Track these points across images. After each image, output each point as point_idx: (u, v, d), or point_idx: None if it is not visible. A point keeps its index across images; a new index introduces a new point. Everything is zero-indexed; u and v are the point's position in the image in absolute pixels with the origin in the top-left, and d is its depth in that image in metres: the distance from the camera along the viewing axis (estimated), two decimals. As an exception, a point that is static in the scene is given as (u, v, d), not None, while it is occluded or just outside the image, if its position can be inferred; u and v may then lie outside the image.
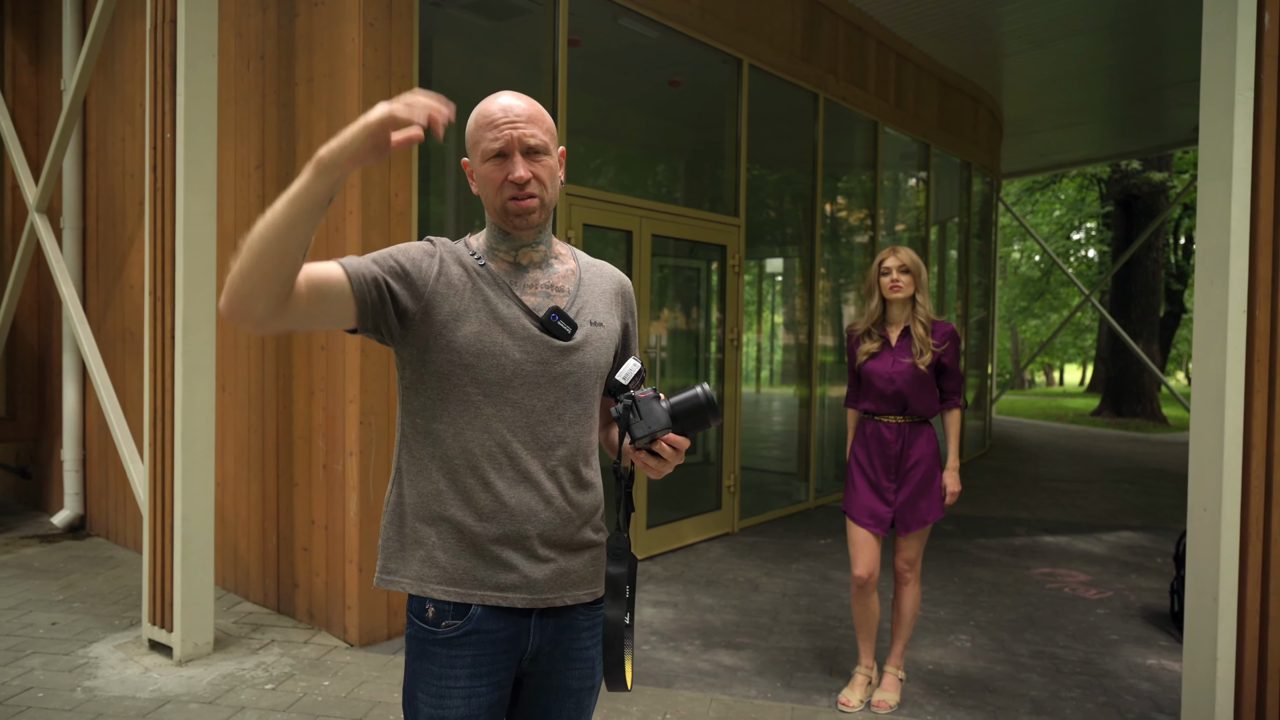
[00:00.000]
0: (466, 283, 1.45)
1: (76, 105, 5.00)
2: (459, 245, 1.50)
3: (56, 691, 3.34)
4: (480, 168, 1.46)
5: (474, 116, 1.47)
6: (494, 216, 1.49)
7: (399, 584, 1.44)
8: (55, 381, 6.25)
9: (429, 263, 1.43)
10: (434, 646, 1.41)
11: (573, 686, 1.53)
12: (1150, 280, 16.26)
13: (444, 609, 1.41)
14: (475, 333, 1.41)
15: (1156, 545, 6.12)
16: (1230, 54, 2.72)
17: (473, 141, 1.47)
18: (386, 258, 1.41)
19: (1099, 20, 7.62)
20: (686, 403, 1.39)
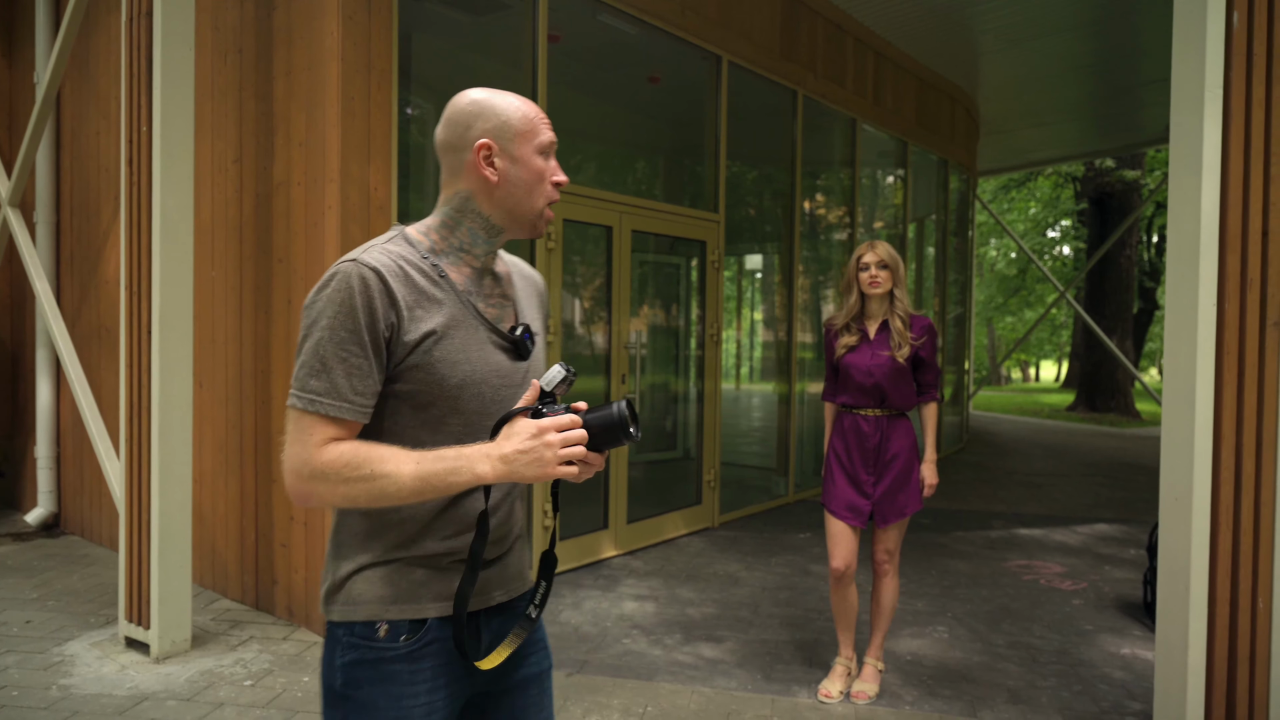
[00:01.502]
0: (430, 299, 1.32)
1: (50, 98, 4.93)
2: (402, 248, 1.34)
3: (31, 690, 3.30)
4: (535, 160, 1.37)
5: (515, 104, 1.38)
6: (515, 213, 1.39)
7: (347, 612, 1.33)
8: (28, 378, 6.16)
9: (385, 308, 1.27)
10: (394, 665, 1.33)
11: (533, 673, 1.51)
12: (1124, 277, 16.50)
13: (399, 625, 1.33)
14: (447, 359, 1.31)
15: (1130, 537, 6.22)
16: (1200, 53, 2.77)
17: (525, 129, 1.37)
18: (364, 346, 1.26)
19: (1073, 20, 7.73)
20: (601, 420, 1.31)
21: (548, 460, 1.22)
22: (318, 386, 1.24)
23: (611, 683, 3.47)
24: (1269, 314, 2.73)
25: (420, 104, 4.61)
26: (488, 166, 1.36)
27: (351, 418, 1.26)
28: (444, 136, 1.40)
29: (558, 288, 4.97)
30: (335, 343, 1.24)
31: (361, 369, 1.26)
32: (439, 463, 1.23)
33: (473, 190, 1.38)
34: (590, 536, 5.28)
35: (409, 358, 1.29)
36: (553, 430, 1.23)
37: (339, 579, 1.35)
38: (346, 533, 1.36)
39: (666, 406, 6.39)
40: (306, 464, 1.23)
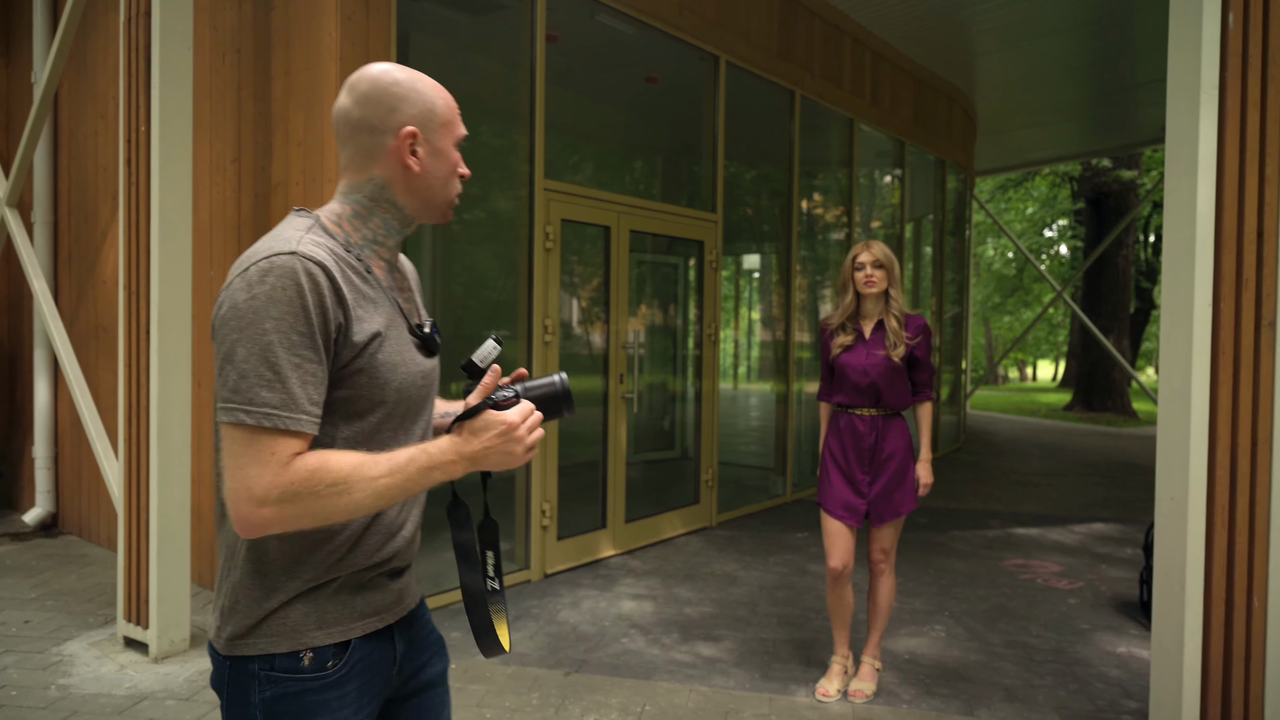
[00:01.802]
0: (366, 297, 1.25)
1: (48, 98, 4.93)
2: (328, 240, 1.24)
3: (30, 690, 3.31)
4: (449, 149, 1.34)
5: (439, 94, 1.33)
6: (430, 203, 1.34)
7: (270, 645, 1.22)
8: (26, 378, 6.16)
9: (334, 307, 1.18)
10: (323, 694, 1.24)
11: (437, 671, 1.48)
12: (1121, 277, 16.52)
13: (324, 652, 1.24)
14: (388, 362, 1.25)
15: (1126, 536, 6.24)
16: (1195, 53, 2.78)
17: (445, 119, 1.33)
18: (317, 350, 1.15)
19: (1070, 21, 7.74)
20: (545, 394, 1.30)
21: (517, 454, 1.23)
22: (272, 399, 1.10)
23: (610, 682, 3.48)
24: (1264, 314, 2.74)
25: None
26: (411, 155, 1.29)
27: (311, 431, 1.14)
28: (360, 115, 1.28)
29: (556, 288, 4.98)
30: (287, 346, 1.12)
31: (316, 375, 1.15)
32: (410, 464, 1.17)
33: (389, 178, 1.30)
34: (588, 536, 5.29)
35: (354, 361, 1.20)
36: (520, 425, 1.22)
37: (265, 611, 1.22)
38: (267, 561, 1.22)
39: (664, 406, 6.40)
40: (274, 487, 1.10)
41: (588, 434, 5.42)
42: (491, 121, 5.12)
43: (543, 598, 4.55)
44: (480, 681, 3.45)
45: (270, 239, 1.19)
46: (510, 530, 4.97)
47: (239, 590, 1.22)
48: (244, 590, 1.22)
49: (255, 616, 1.22)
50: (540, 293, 4.85)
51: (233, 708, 1.23)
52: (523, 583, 4.83)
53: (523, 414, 1.23)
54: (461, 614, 4.25)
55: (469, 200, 5.19)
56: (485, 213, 5.23)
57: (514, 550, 4.95)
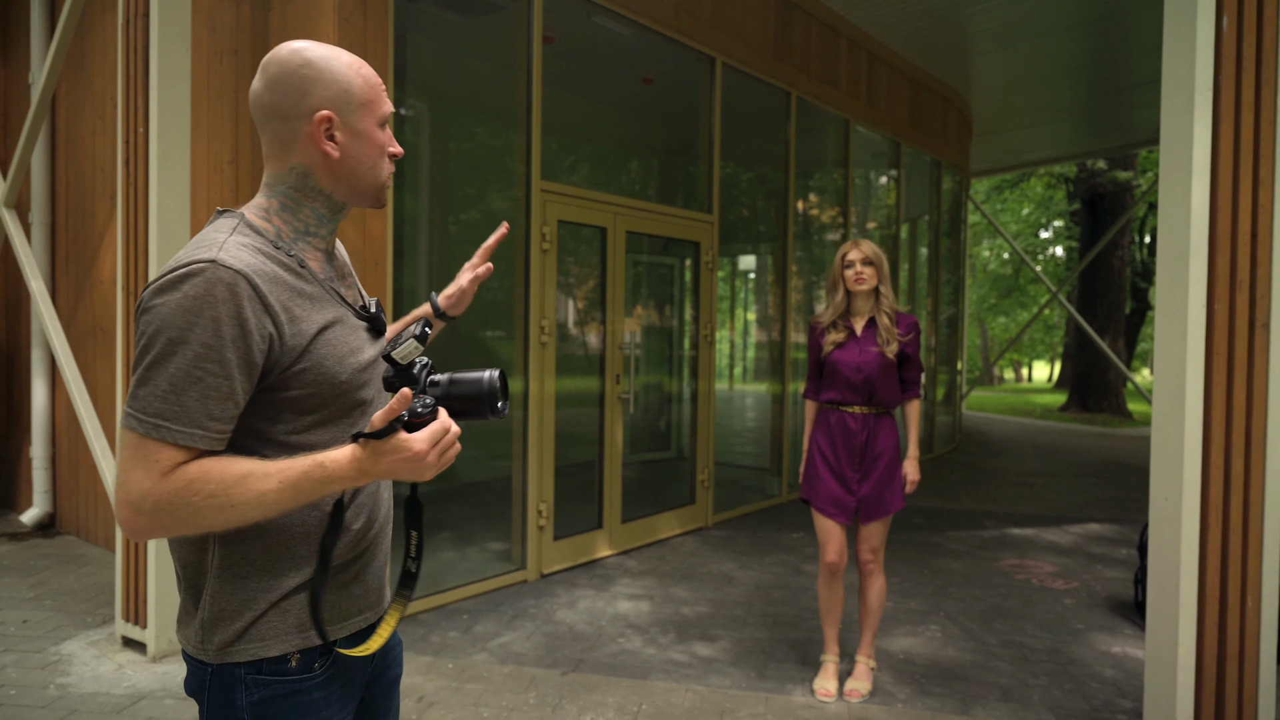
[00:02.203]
0: (302, 295, 1.20)
1: (45, 100, 4.93)
2: (255, 240, 1.19)
3: (29, 689, 3.31)
4: (372, 130, 1.26)
5: (357, 72, 1.25)
6: (358, 189, 1.28)
7: (257, 650, 1.20)
8: (23, 378, 6.15)
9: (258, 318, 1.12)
10: (311, 694, 1.24)
11: (395, 676, 1.48)
12: (1116, 278, 16.58)
13: (311, 653, 1.24)
14: (333, 355, 1.22)
15: (1122, 536, 6.26)
16: (1190, 56, 2.80)
17: (365, 99, 1.25)
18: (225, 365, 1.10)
19: (1065, 22, 7.77)
20: (468, 388, 1.20)
21: (424, 474, 1.14)
22: (164, 410, 1.06)
23: (607, 681, 3.49)
24: (1258, 315, 2.76)
25: (415, 105, 4.62)
26: (328, 141, 1.23)
27: (203, 446, 1.09)
28: (271, 100, 1.22)
29: (553, 289, 4.98)
30: (189, 359, 1.07)
31: (221, 390, 1.09)
32: (304, 478, 1.10)
33: (310, 165, 1.24)
34: (585, 536, 5.30)
35: (299, 362, 1.17)
36: (429, 453, 1.11)
37: (253, 617, 1.20)
38: (248, 565, 1.20)
39: (661, 407, 6.41)
40: (148, 496, 1.06)
41: (584, 434, 5.43)
42: (488, 122, 5.13)
43: (539, 598, 4.56)
44: (477, 681, 3.46)
45: (193, 245, 1.15)
46: (507, 530, 4.98)
47: (220, 599, 1.20)
48: (226, 598, 1.20)
49: (244, 623, 1.20)
50: (537, 294, 4.86)
51: (217, 712, 1.21)
52: (519, 583, 4.84)
53: (433, 438, 1.12)
54: (458, 615, 4.26)
55: (466, 201, 5.20)
56: (481, 213, 5.24)
57: (511, 550, 4.96)
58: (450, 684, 3.43)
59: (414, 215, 4.58)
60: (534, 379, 4.88)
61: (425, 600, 4.33)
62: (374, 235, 3.99)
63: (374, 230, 3.98)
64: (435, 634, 3.99)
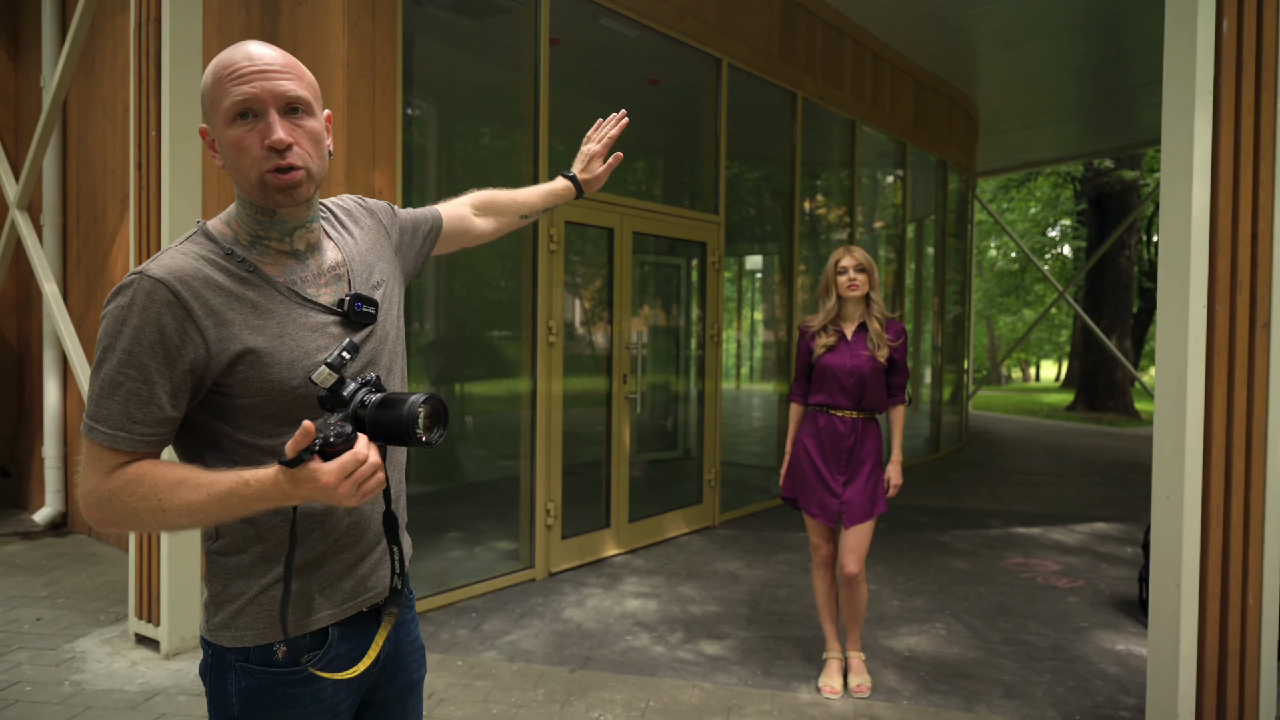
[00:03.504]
0: (241, 300, 1.19)
1: (57, 104, 4.99)
2: (201, 247, 1.20)
3: (44, 685, 3.36)
4: (226, 132, 1.18)
5: (212, 68, 1.19)
6: (250, 194, 1.22)
7: (241, 638, 1.23)
8: (35, 378, 6.22)
9: (177, 324, 1.13)
10: (294, 688, 1.25)
11: (416, 679, 1.47)
12: (1123, 277, 16.54)
13: (299, 644, 1.26)
14: (280, 361, 1.20)
15: (1127, 535, 6.27)
16: (1190, 58, 2.82)
17: (213, 99, 1.18)
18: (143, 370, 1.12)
19: (1069, 22, 7.78)
20: (390, 415, 1.14)
21: (341, 500, 1.09)
22: (96, 413, 1.13)
23: (614, 679, 3.53)
24: (1258, 315, 2.78)
25: (422, 106, 4.67)
26: (214, 153, 1.24)
27: (128, 448, 1.13)
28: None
29: (560, 289, 5.02)
30: (114, 365, 1.13)
31: (140, 395, 1.12)
32: (231, 495, 1.10)
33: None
34: (592, 535, 5.34)
35: (235, 369, 1.17)
36: (339, 485, 1.07)
37: (239, 604, 1.24)
38: (240, 553, 1.24)
39: (667, 406, 6.44)
40: (93, 492, 1.13)
41: (592, 434, 5.47)
42: (495, 124, 5.17)
43: (547, 596, 4.60)
44: (486, 678, 3.50)
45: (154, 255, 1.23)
46: (515, 529, 5.02)
47: (217, 583, 1.26)
48: (222, 583, 1.25)
49: (234, 608, 1.24)
50: (544, 294, 4.90)
51: (214, 696, 1.27)
52: (527, 581, 4.88)
53: (343, 470, 1.07)
54: (467, 613, 4.30)
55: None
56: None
57: (519, 549, 5.00)
58: (459, 681, 3.47)
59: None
60: (541, 379, 4.92)
61: (434, 598, 4.37)
62: (383, 237, 4.03)
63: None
64: (444, 631, 4.03)
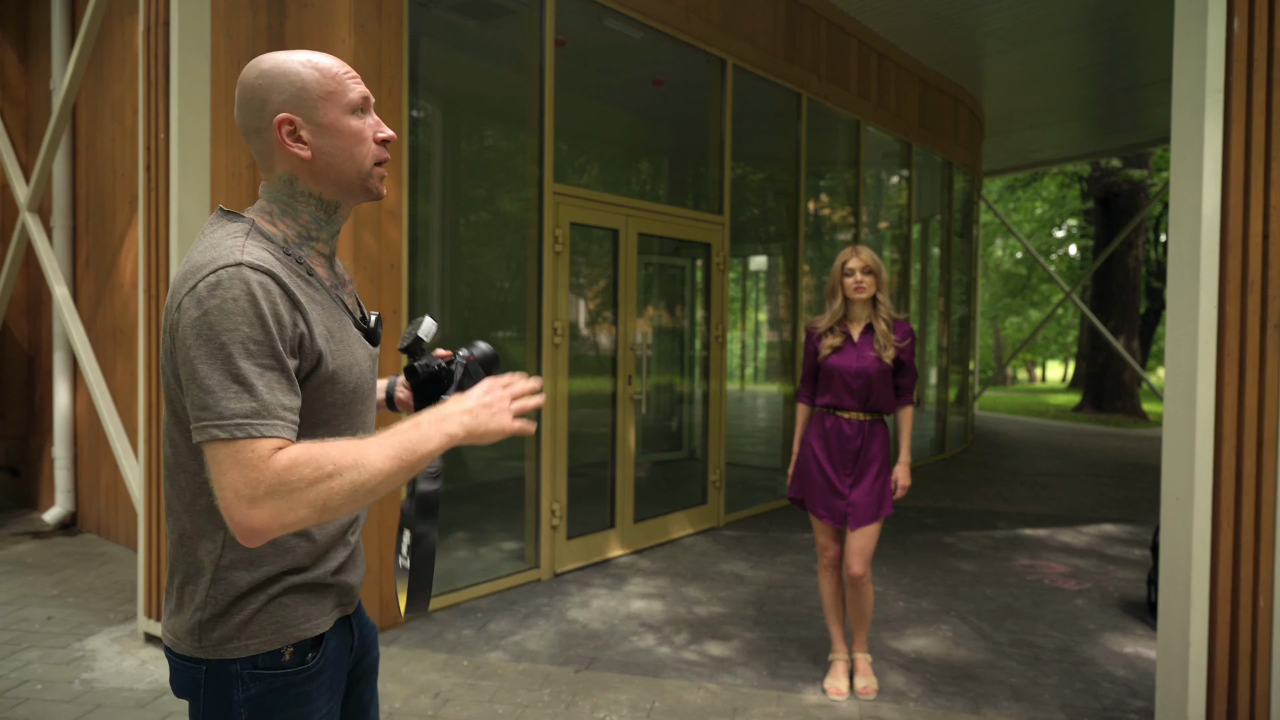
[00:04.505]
0: (314, 302, 1.24)
1: (67, 107, 5.00)
2: (267, 246, 1.21)
3: (55, 684, 3.38)
4: (344, 121, 1.25)
5: (311, 65, 1.25)
6: (347, 185, 1.28)
7: (253, 647, 1.23)
8: (45, 380, 6.25)
9: (289, 313, 1.16)
10: (304, 685, 1.28)
11: (373, 659, 1.50)
12: (1130, 277, 16.48)
13: (303, 645, 1.27)
14: (344, 365, 1.26)
15: (1135, 537, 6.25)
16: (1200, 57, 2.81)
17: (326, 90, 1.24)
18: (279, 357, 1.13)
19: (1075, 21, 7.76)
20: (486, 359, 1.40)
21: (505, 411, 1.21)
22: (241, 409, 1.08)
23: (620, 679, 3.53)
24: (1269, 316, 2.77)
25: (427, 108, 4.68)
26: (295, 143, 1.24)
27: (287, 435, 1.11)
28: (243, 118, 1.26)
29: (565, 290, 5.03)
30: (246, 356, 1.09)
31: (282, 383, 1.13)
32: (400, 436, 1.14)
33: (293, 171, 1.26)
34: (597, 535, 5.34)
35: (320, 366, 1.20)
36: (503, 390, 1.24)
37: (250, 613, 1.23)
38: (244, 563, 1.23)
39: (672, 407, 6.44)
40: (259, 484, 1.06)
41: (597, 434, 5.47)
42: (500, 125, 5.17)
43: (553, 596, 4.60)
44: (492, 678, 3.50)
45: (210, 249, 1.16)
46: (520, 530, 5.03)
47: (218, 598, 1.22)
48: (223, 597, 1.22)
49: (242, 618, 1.22)
50: (550, 295, 4.90)
51: (213, 709, 1.23)
52: (533, 582, 4.88)
53: (510, 381, 1.26)
54: (472, 613, 4.31)
55: (477, 202, 5.25)
56: (493, 215, 5.29)
57: (524, 550, 5.00)
58: (465, 681, 3.47)
59: (426, 217, 4.64)
60: (547, 380, 4.92)
61: (440, 599, 4.38)
62: (389, 239, 4.04)
63: (389, 235, 4.04)
64: (450, 632, 4.04)
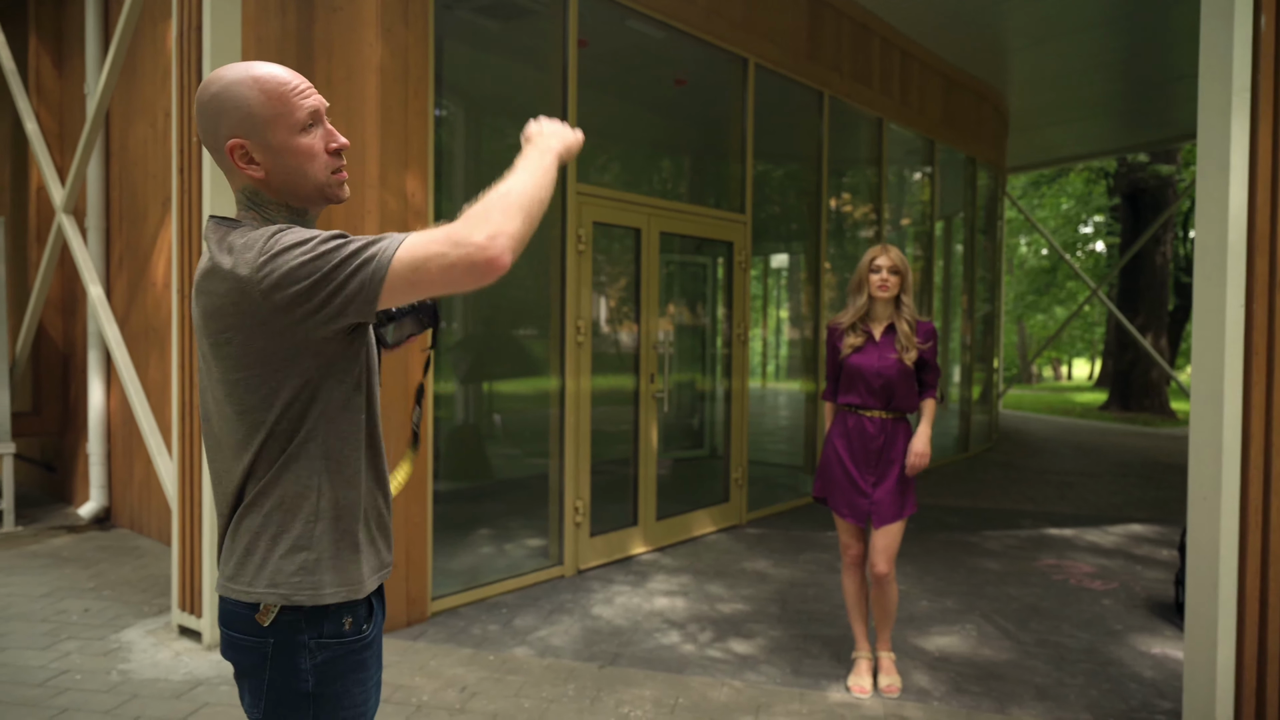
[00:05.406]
0: None
1: (101, 111, 5.11)
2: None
3: (93, 674, 3.47)
4: (293, 141, 1.31)
5: (256, 88, 1.29)
6: (305, 196, 1.35)
7: (329, 596, 1.32)
8: (80, 377, 6.38)
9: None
10: (361, 653, 1.38)
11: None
12: (1158, 274, 16.26)
13: (359, 615, 1.37)
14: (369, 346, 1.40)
15: (1163, 537, 6.19)
16: (1227, 54, 2.79)
17: (272, 114, 1.29)
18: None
19: (1101, 15, 7.67)
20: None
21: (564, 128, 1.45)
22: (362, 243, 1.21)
23: (643, 675, 3.56)
24: (1298, 314, 2.75)
25: (452, 109, 4.72)
26: (249, 165, 1.31)
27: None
28: (201, 136, 1.33)
29: (588, 289, 5.06)
30: (329, 236, 1.23)
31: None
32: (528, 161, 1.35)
33: (254, 185, 1.33)
34: (620, 533, 5.37)
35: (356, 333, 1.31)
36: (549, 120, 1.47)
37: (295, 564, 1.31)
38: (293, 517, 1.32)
39: (694, 405, 6.46)
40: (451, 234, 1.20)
41: (619, 432, 5.51)
42: (523, 124, 5.21)
43: (576, 593, 4.64)
44: (518, 673, 3.55)
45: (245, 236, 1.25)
46: (544, 527, 5.07)
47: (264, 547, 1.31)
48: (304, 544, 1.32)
49: (315, 566, 1.31)
50: (573, 294, 4.94)
51: (281, 675, 1.32)
52: (556, 578, 4.92)
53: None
54: (497, 609, 4.36)
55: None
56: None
57: (548, 546, 5.05)
58: (491, 675, 3.52)
59: (451, 215, 4.68)
60: (570, 378, 4.96)
61: (466, 594, 4.44)
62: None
63: (416, 234, 4.09)
64: (475, 627, 4.09)
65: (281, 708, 1.33)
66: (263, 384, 1.28)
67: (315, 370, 1.28)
